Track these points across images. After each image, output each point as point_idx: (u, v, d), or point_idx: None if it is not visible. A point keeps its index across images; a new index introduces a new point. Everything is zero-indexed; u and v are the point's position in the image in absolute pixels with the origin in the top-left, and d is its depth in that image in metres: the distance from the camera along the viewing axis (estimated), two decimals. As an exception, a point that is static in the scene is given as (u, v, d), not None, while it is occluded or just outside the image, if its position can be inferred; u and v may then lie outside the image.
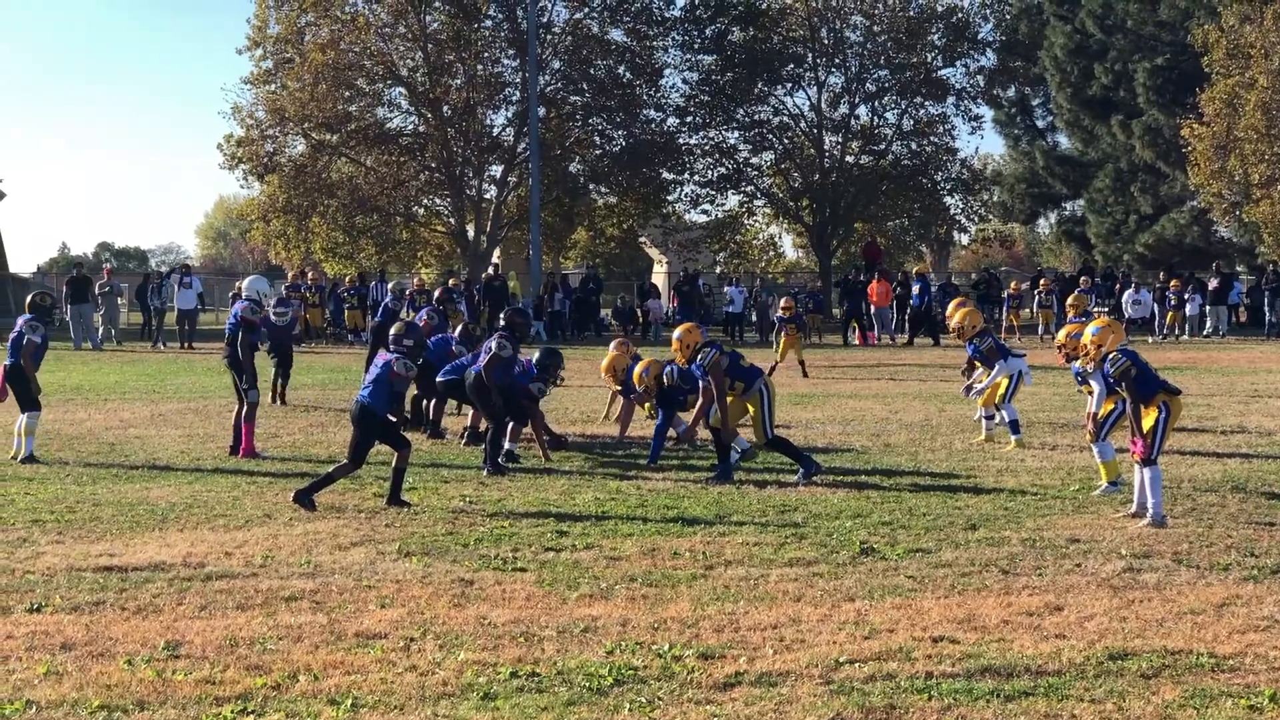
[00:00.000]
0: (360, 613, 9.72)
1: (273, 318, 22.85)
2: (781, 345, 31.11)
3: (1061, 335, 15.56)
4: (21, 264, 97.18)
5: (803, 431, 20.13)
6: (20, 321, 18.09)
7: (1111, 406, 14.37)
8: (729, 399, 15.98)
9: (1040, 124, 73.58)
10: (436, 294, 34.43)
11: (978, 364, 19.27)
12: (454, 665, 8.39)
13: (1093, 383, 14.65)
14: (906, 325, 46.28)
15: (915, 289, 45.66)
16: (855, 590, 10.33)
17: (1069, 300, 23.41)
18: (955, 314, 19.58)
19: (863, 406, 23.96)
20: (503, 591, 10.35)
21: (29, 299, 18.83)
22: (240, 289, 19.18)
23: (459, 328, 20.73)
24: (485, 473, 16.29)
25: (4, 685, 7.94)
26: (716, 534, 12.65)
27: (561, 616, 9.60)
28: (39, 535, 12.59)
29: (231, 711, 7.49)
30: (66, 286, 44.51)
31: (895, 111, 64.10)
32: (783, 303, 32.04)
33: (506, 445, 17.22)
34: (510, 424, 17.31)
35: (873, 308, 46.51)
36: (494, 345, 17.11)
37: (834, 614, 9.62)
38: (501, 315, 18.36)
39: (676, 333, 16.83)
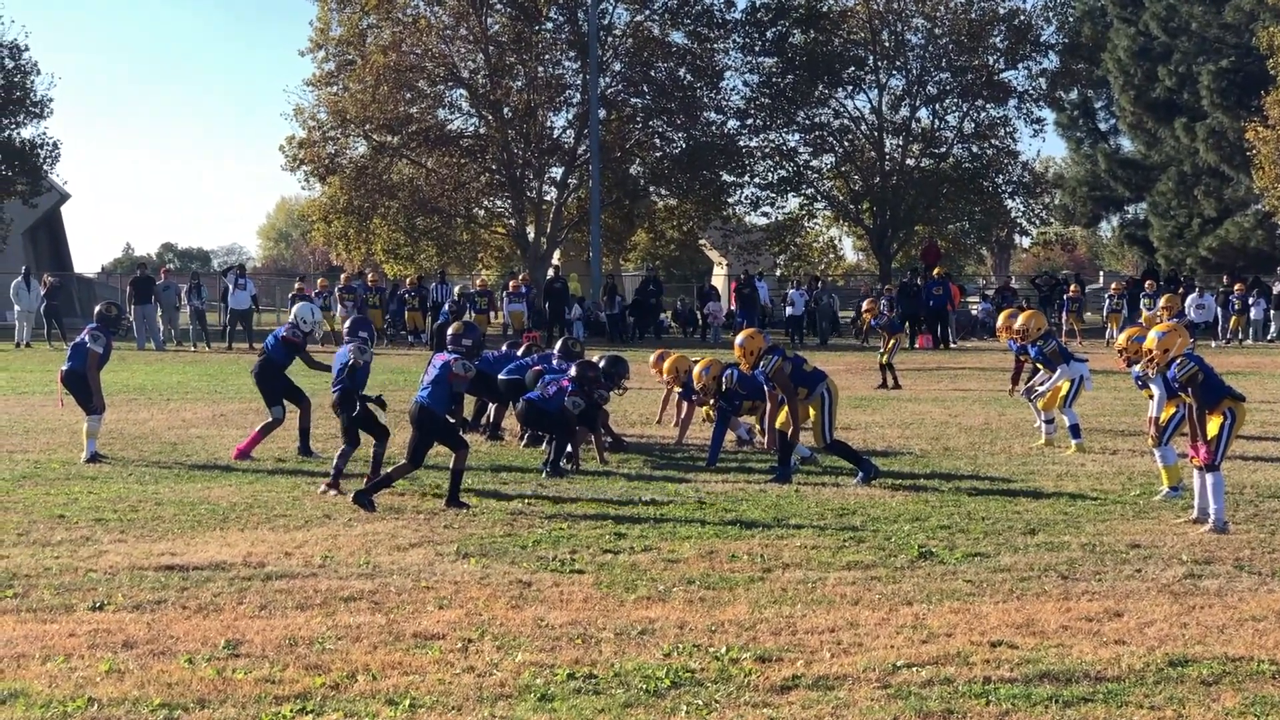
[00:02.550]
0: (418, 613, 9.76)
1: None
2: (886, 344, 29.48)
3: (1122, 339, 15.43)
4: (86, 265, 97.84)
5: (862, 434, 20.08)
6: (85, 330, 18.27)
7: (1173, 411, 14.27)
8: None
9: (1103, 127, 73.28)
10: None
11: (1039, 367, 19.18)
12: (511, 666, 8.41)
13: (1153, 387, 14.54)
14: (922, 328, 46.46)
15: (936, 290, 45.73)
16: (913, 594, 10.31)
17: (1162, 302, 23.29)
18: (1021, 317, 19.46)
19: (922, 410, 23.88)
20: (560, 593, 10.37)
21: (96, 310, 18.99)
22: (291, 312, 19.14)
23: (559, 343, 20.42)
24: (544, 475, 16.32)
25: (66, 683, 8.01)
26: (774, 537, 12.63)
27: (619, 618, 9.61)
28: (102, 534, 12.69)
29: (290, 710, 7.53)
30: (130, 287, 44.90)
31: (956, 114, 63.77)
32: (865, 305, 30.87)
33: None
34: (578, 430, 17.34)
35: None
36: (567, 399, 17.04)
37: (891, 618, 9.60)
38: (574, 367, 17.89)
39: (740, 339, 16.70)
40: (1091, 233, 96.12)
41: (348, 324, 16.40)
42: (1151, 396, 14.72)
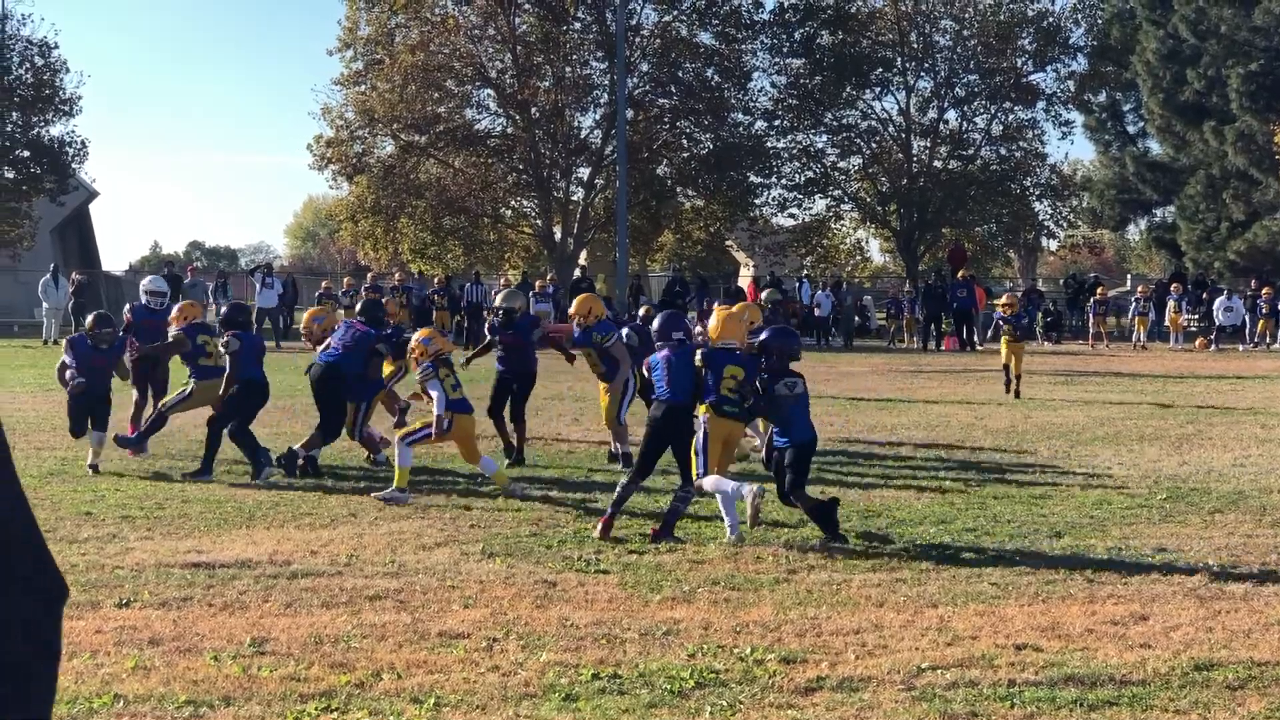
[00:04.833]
0: (443, 612, 9.77)
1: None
2: (1004, 349, 26.88)
3: None
4: (114, 262, 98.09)
5: (886, 435, 20.07)
6: (226, 336, 17.18)
7: None
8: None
9: (1131, 129, 73.02)
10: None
11: None
12: (536, 666, 8.42)
13: None
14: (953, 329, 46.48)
15: (961, 292, 45.73)
16: (938, 596, 10.30)
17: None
18: None
19: (948, 411, 23.87)
20: (585, 593, 10.38)
21: (224, 312, 18.81)
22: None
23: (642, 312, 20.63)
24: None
25: (93, 679, 8.03)
26: (799, 538, 12.64)
27: (643, 619, 9.61)
28: (129, 531, 12.73)
29: (315, 708, 7.54)
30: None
31: (984, 116, 63.79)
32: (1003, 300, 28.56)
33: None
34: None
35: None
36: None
37: (916, 620, 9.59)
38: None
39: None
40: (1119, 236, 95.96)
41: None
42: None
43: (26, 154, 59.07)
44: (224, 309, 17.02)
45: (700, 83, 59.24)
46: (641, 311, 21.22)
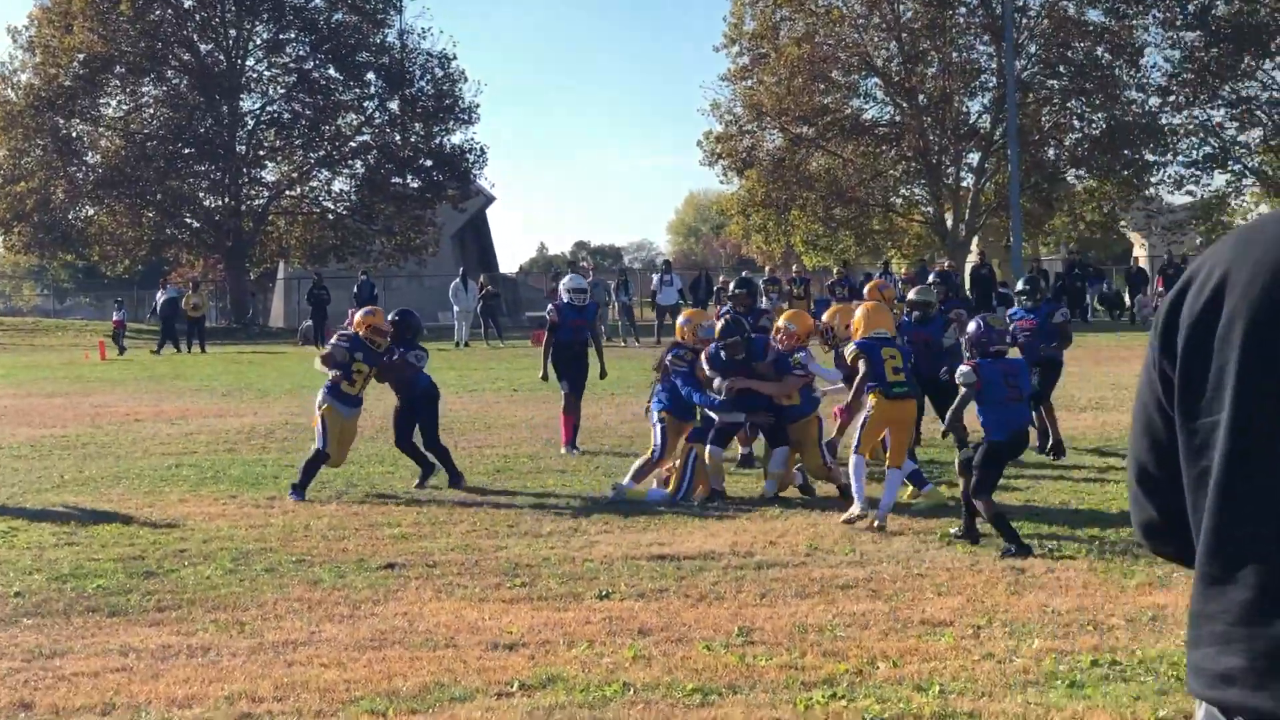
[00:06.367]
0: (919, 600, 9.78)
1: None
2: None
3: None
4: (506, 265, 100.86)
5: None
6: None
7: None
8: None
9: None
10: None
11: None
12: (1030, 653, 8.36)
13: None
14: None
15: None
16: None
17: None
18: None
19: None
20: (1057, 579, 10.29)
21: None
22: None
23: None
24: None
25: (597, 668, 8.24)
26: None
27: (1125, 604, 9.48)
28: (587, 525, 13.07)
29: (822, 696, 7.61)
30: (553, 281, 46.35)
31: (1394, 80, 60.86)
32: None
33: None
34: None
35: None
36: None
37: None
38: None
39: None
40: None
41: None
42: None
43: (429, 163, 61.21)
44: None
45: (1090, 61, 58.00)
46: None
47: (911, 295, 17.54)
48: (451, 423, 20.88)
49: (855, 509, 12.76)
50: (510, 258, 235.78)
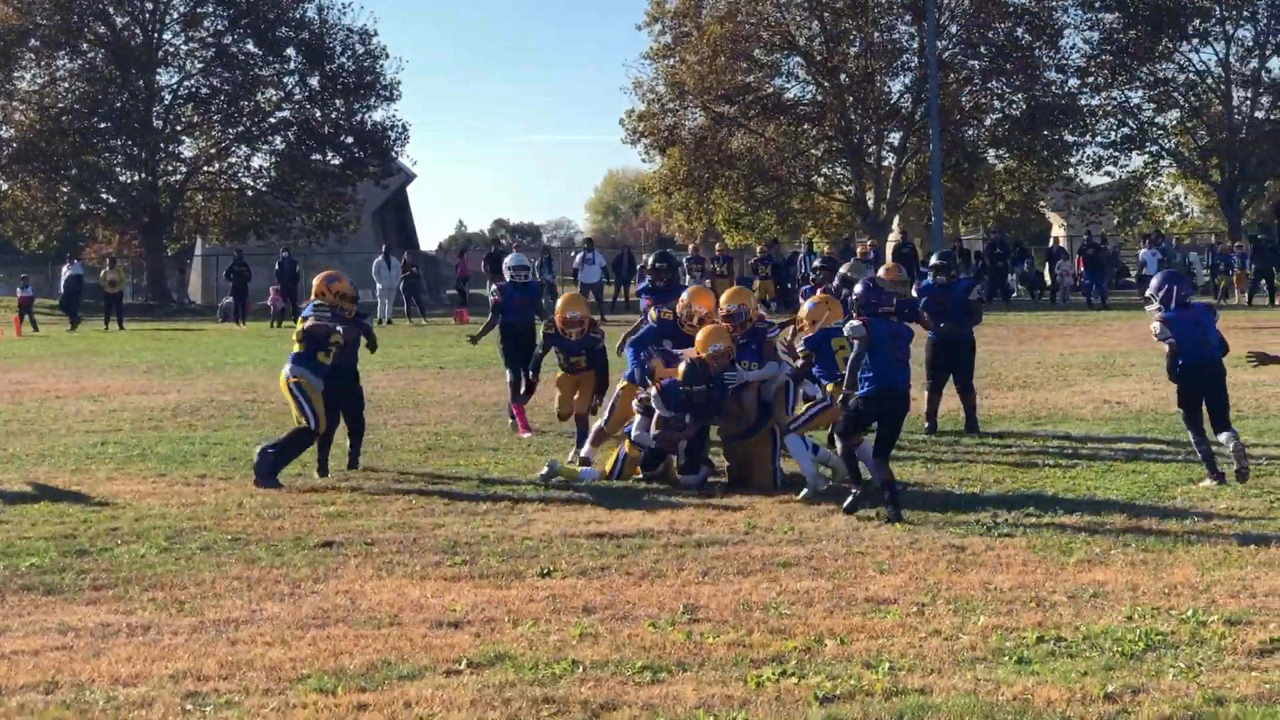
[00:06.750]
0: (861, 578, 9.79)
1: None
2: None
3: None
4: (425, 243, 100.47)
5: (1253, 394, 19.52)
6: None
7: None
8: None
9: None
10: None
11: None
12: (976, 630, 8.38)
13: None
14: None
15: None
16: (1368, 557, 10.02)
17: None
18: None
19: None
20: (997, 557, 10.32)
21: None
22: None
23: None
24: None
25: (544, 646, 8.20)
26: (1197, 497, 12.47)
27: (1065, 581, 9.52)
28: (524, 504, 13.01)
29: (771, 673, 7.60)
30: (486, 263, 46.23)
31: (1309, 64, 61.48)
32: None
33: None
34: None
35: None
36: None
37: (1353, 582, 9.35)
38: None
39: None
40: None
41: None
42: None
43: (350, 140, 60.88)
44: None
45: (1010, 42, 58.26)
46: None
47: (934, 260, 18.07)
48: (380, 400, 20.78)
49: (808, 490, 12.97)
50: (430, 235, 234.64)
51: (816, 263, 21.81)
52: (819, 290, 15.95)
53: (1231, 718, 6.74)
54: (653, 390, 13.88)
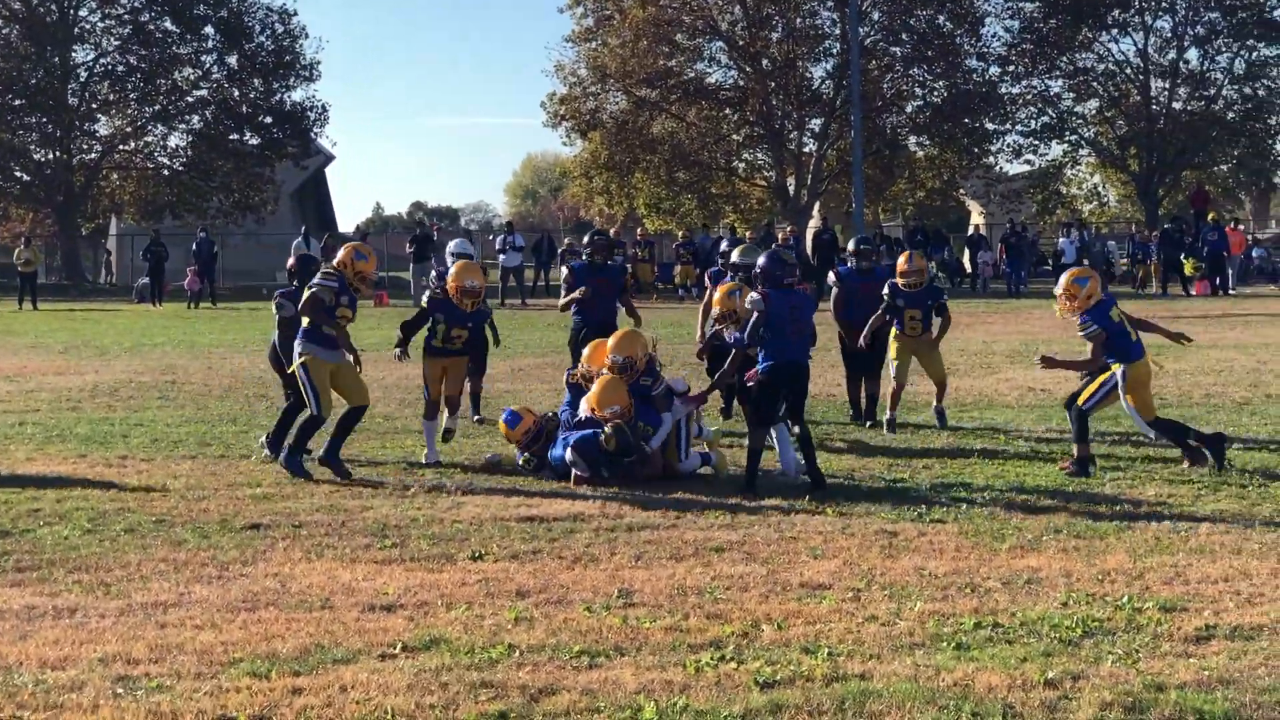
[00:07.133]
0: (795, 564, 9.76)
1: None
2: None
3: None
4: (343, 225, 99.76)
5: (1175, 383, 19.66)
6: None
7: None
8: None
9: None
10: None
11: None
12: (913, 615, 8.36)
13: None
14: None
15: (1211, 235, 44.79)
16: (1297, 544, 10.08)
17: None
18: None
19: (1227, 357, 23.35)
20: (930, 543, 10.31)
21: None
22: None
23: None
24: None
25: (480, 630, 8.12)
26: (1126, 484, 12.52)
27: (999, 568, 9.52)
28: (452, 486, 12.90)
29: (710, 658, 7.55)
30: (411, 244, 45.96)
31: (1227, 55, 61.92)
32: None
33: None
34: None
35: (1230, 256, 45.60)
36: None
37: (1284, 568, 9.40)
38: None
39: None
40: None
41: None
42: None
43: (269, 120, 60.38)
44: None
45: (932, 29, 58.40)
46: None
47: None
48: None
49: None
50: (348, 217, 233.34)
51: (724, 247, 21.74)
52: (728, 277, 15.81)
53: (1172, 704, 6.72)
54: (569, 453, 13.40)
